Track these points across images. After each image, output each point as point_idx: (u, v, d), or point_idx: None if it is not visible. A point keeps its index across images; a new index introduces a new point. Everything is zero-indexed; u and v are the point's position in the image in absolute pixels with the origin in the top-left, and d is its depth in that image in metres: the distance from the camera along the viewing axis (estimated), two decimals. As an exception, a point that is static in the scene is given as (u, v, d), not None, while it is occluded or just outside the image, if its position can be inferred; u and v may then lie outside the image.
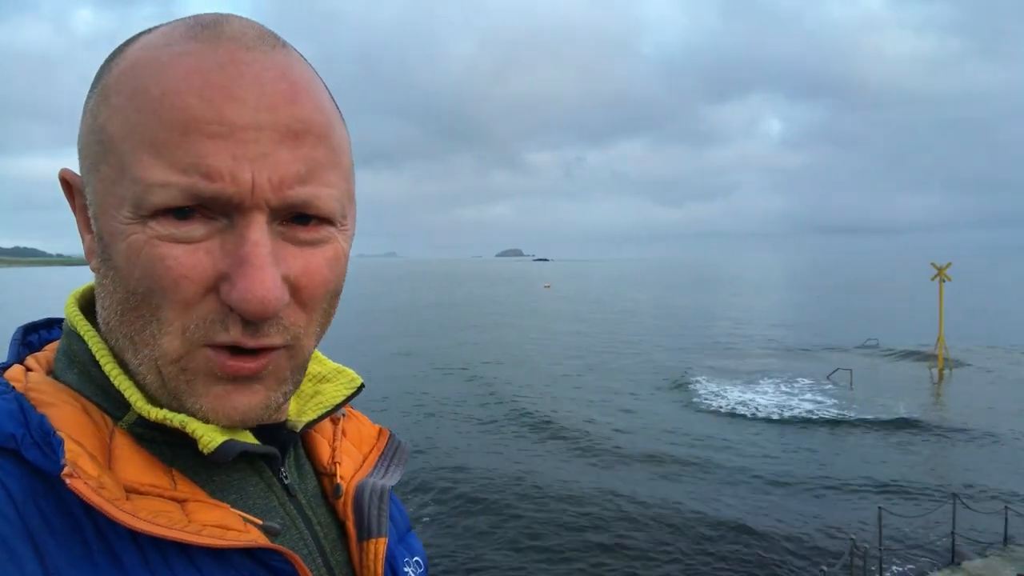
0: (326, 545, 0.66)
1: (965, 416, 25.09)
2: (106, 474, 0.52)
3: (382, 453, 0.80)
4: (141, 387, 0.58)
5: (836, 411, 25.69)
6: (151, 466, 0.56)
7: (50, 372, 0.62)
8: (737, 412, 25.81)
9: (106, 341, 0.60)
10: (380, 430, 0.84)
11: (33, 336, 0.67)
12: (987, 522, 14.04)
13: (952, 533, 12.90)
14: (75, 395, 0.58)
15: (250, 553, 0.56)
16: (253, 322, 0.55)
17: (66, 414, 0.55)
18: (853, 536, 12.12)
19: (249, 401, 0.58)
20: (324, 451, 0.74)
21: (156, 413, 0.56)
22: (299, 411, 0.71)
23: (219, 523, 0.55)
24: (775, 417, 24.94)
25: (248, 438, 0.61)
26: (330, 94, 0.62)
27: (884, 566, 12.19)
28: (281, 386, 0.60)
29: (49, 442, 0.51)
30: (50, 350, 0.65)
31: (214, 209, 0.54)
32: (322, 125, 0.57)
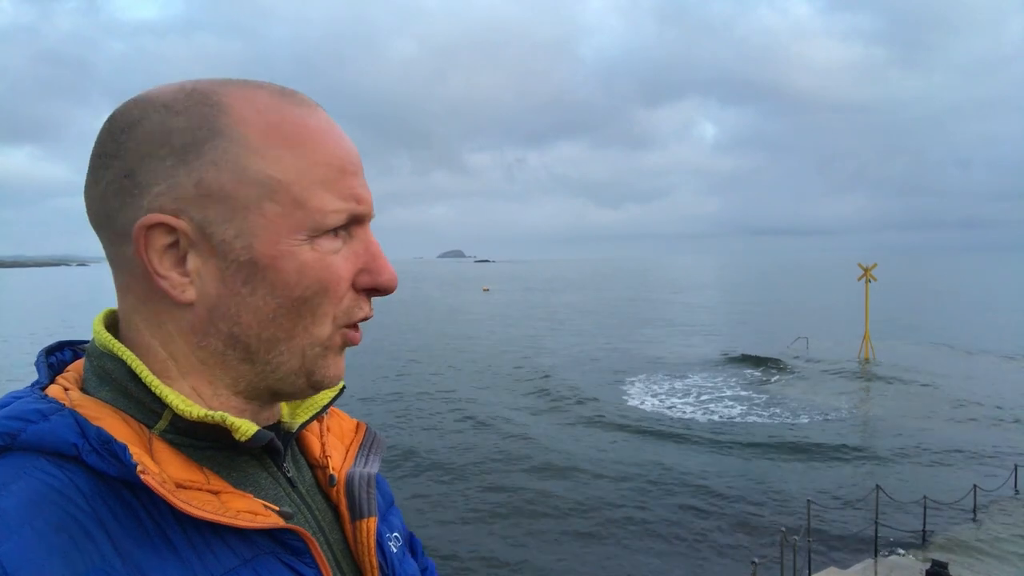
0: (325, 526, 0.80)
1: (887, 410, 26.19)
2: (162, 471, 0.64)
3: (361, 444, 0.93)
4: (177, 395, 0.69)
5: (767, 411, 26.45)
6: (187, 465, 0.67)
7: (81, 390, 0.71)
8: (669, 412, 26.31)
9: (143, 359, 0.70)
10: (357, 424, 0.97)
11: (52, 358, 0.77)
12: (907, 511, 14.67)
13: (875, 523, 13.41)
14: (113, 408, 0.68)
15: (270, 534, 0.68)
16: (387, 293, 0.77)
17: (114, 424, 0.66)
18: (783, 528, 12.46)
19: (343, 367, 0.78)
20: (315, 446, 0.87)
21: (197, 412, 0.67)
22: (291, 413, 0.84)
23: (248, 509, 0.67)
24: (707, 416, 25.54)
25: (252, 428, 0.71)
26: None
27: (812, 556, 12.56)
28: None
29: (110, 449, 0.62)
30: (73, 370, 0.75)
31: (347, 226, 0.74)
32: None
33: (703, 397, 28.99)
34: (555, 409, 26.98)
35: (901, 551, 13.56)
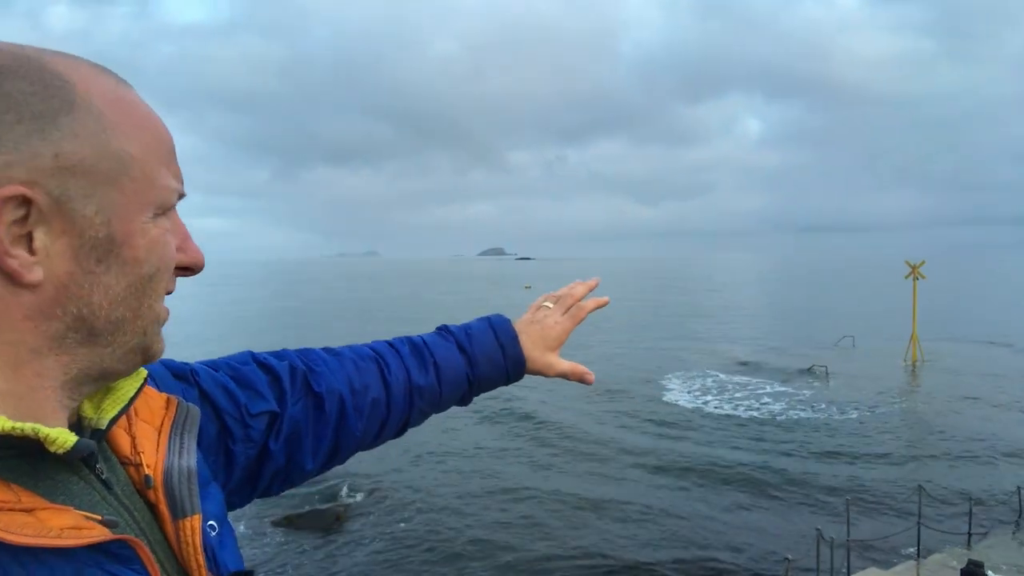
0: (146, 528, 0.73)
1: (936, 410, 25.56)
2: None
3: (173, 422, 0.83)
4: None
5: (810, 407, 26.05)
6: None
7: None
8: (709, 409, 26.08)
9: None
10: (168, 399, 0.86)
11: None
12: (951, 512, 14.34)
13: (918, 524, 13.16)
14: None
15: (95, 546, 0.61)
16: (196, 272, 0.78)
17: None
18: (819, 526, 12.31)
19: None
20: (124, 442, 0.78)
21: (3, 424, 0.59)
22: (96, 409, 0.74)
23: (71, 525, 0.60)
24: (749, 413, 25.24)
25: (71, 438, 0.63)
26: None
27: (851, 556, 12.39)
28: None
29: None
30: None
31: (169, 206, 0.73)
32: None
33: (745, 394, 28.67)
34: (603, 402, 26.99)
35: (944, 551, 13.28)
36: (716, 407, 26.37)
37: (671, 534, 14.90)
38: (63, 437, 0.61)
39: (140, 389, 0.78)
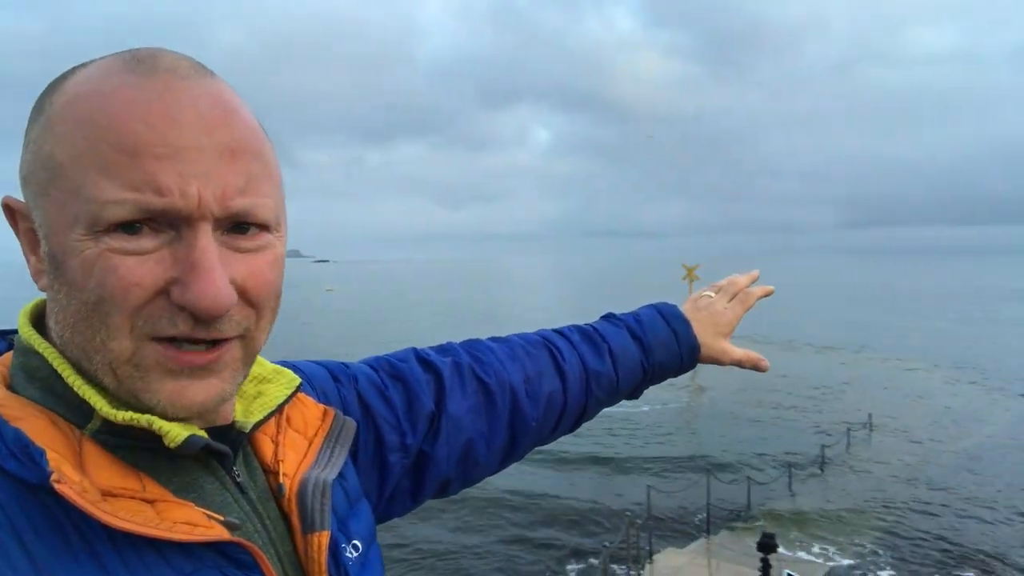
0: (275, 537, 0.71)
1: (713, 400, 28.58)
2: (85, 479, 0.57)
3: (327, 435, 0.82)
4: (104, 393, 0.62)
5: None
6: (121, 470, 0.61)
7: (8, 387, 0.64)
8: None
9: (63, 354, 0.63)
10: (325, 411, 0.85)
11: None
12: (734, 491, 16.13)
13: (707, 504, 14.64)
14: (40, 408, 0.61)
15: (214, 546, 0.61)
16: (203, 319, 0.60)
17: (38, 426, 0.59)
18: (629, 512, 13.30)
19: (206, 392, 0.63)
20: (268, 448, 0.77)
21: (122, 415, 0.60)
22: (245, 412, 0.74)
23: (187, 520, 0.60)
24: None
25: (203, 435, 0.64)
26: (256, 116, 0.68)
27: (654, 537, 13.51)
28: (235, 377, 0.66)
29: (28, 453, 0.55)
30: (2, 364, 0.67)
31: (163, 223, 0.59)
32: (255, 143, 0.64)
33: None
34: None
35: (729, 525, 14.92)
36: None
37: (496, 516, 15.31)
38: (175, 431, 0.61)
39: (291, 397, 0.77)
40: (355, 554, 0.77)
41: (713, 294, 1.35)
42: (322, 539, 0.72)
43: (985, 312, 66.94)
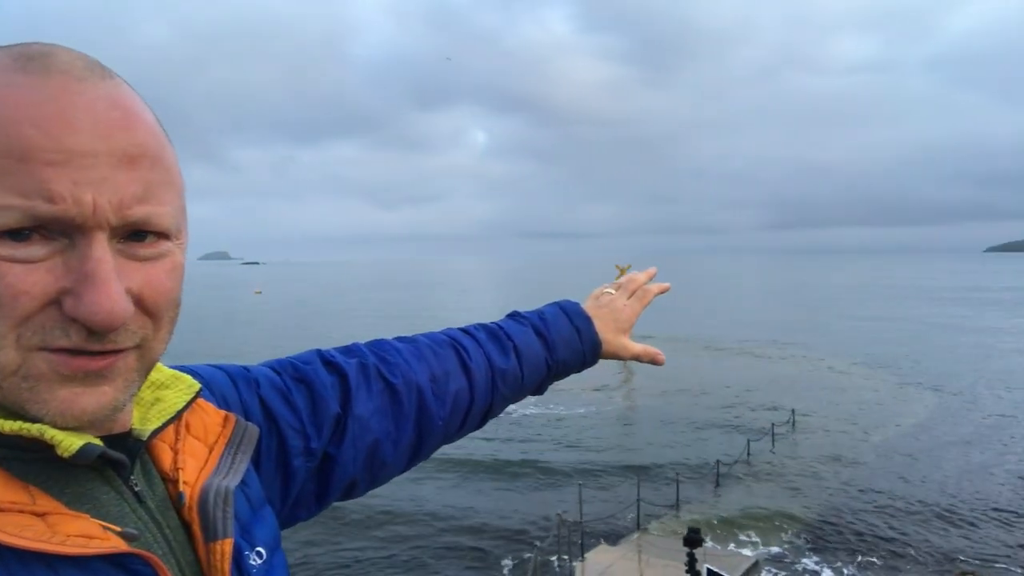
0: (176, 547, 0.68)
1: (646, 399, 29.11)
2: None
3: (228, 442, 0.79)
4: None
5: (537, 406, 27.96)
6: (8, 483, 0.58)
7: None
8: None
9: None
10: (226, 417, 0.82)
11: None
12: (664, 488, 16.46)
13: (638, 500, 14.88)
14: None
15: (111, 559, 0.58)
16: (96, 331, 0.57)
17: None
18: (560, 512, 13.40)
19: (98, 401, 0.60)
20: (166, 457, 0.74)
21: (10, 425, 0.57)
22: (142, 419, 0.71)
23: (81, 533, 0.57)
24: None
25: (96, 442, 0.62)
26: (157, 118, 0.65)
27: (586, 535, 13.65)
28: (129, 386, 0.63)
29: None
30: None
31: (55, 230, 0.56)
32: (155, 148, 0.62)
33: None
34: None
35: (658, 523, 15.21)
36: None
37: (428, 525, 15.19)
38: (68, 440, 0.58)
39: (189, 404, 0.75)
40: (259, 561, 0.75)
41: (614, 291, 1.38)
42: (225, 547, 0.70)
43: (899, 310, 70.30)
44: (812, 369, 36.00)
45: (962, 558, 13.82)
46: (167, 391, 0.75)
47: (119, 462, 0.65)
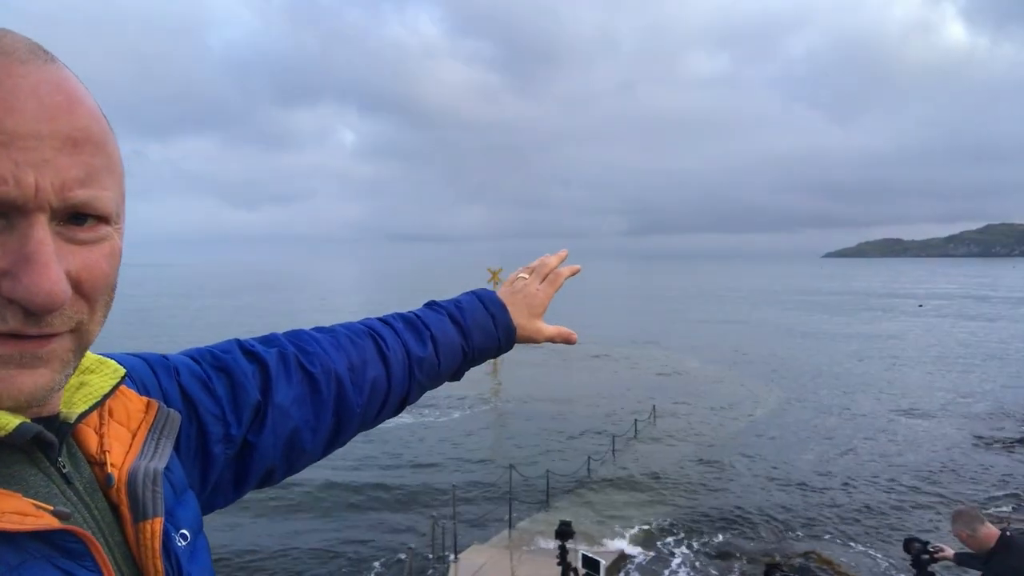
0: (104, 527, 0.70)
1: (516, 398, 29.68)
2: None
3: (151, 427, 0.80)
4: None
5: (411, 413, 27.87)
6: None
7: None
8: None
9: None
10: (148, 403, 0.83)
11: None
12: (534, 485, 16.87)
13: (509, 499, 15.15)
14: None
15: (43, 537, 0.59)
16: (36, 313, 0.58)
17: None
18: (434, 514, 13.42)
19: (35, 382, 0.61)
20: (92, 440, 0.75)
21: None
22: (68, 403, 0.72)
23: (15, 510, 0.58)
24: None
25: (12, 421, 0.62)
26: (99, 106, 0.66)
27: (458, 535, 13.74)
28: (65, 368, 0.64)
29: None
30: None
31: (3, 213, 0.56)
32: (98, 133, 0.63)
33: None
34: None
35: (528, 518, 15.57)
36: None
37: (298, 536, 14.76)
38: (4, 419, 0.59)
39: (114, 389, 0.76)
40: (184, 543, 0.77)
41: (527, 276, 1.44)
42: (155, 526, 0.71)
43: (749, 311, 75.67)
44: (671, 366, 38.01)
45: (798, 534, 15.13)
46: (92, 376, 0.76)
47: (48, 443, 0.66)
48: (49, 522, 0.59)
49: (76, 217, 0.61)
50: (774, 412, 26.95)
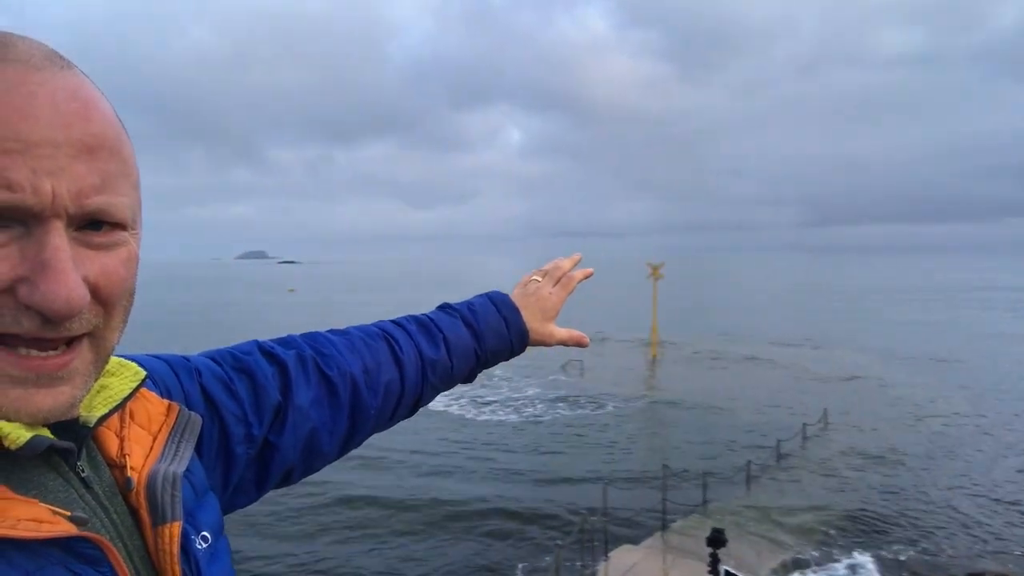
0: (124, 532, 0.69)
1: (675, 395, 28.75)
2: None
3: (172, 430, 0.80)
4: None
5: (567, 403, 27.87)
6: None
7: None
8: (473, 415, 26.83)
9: None
10: (169, 406, 0.83)
11: None
12: (691, 485, 16.21)
13: (663, 500, 14.66)
14: None
15: (60, 543, 0.59)
16: (53, 320, 0.58)
17: None
18: (584, 511, 13.25)
19: (55, 400, 0.61)
20: (112, 443, 0.75)
21: None
22: (88, 406, 0.71)
23: (32, 517, 0.58)
24: (511, 417, 26.46)
25: (46, 434, 0.63)
26: (115, 110, 0.66)
27: (609, 534, 13.49)
28: (87, 384, 0.64)
29: None
30: None
31: (12, 219, 0.57)
32: (113, 139, 0.63)
33: (505, 393, 30.00)
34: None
35: (683, 518, 14.96)
36: (483, 412, 27.32)
37: (448, 528, 15.17)
38: (16, 432, 0.59)
39: (134, 391, 0.76)
40: (204, 545, 0.76)
41: (540, 278, 1.44)
42: (174, 530, 0.72)
43: (942, 308, 68.60)
44: (848, 368, 35.23)
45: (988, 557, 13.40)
46: (113, 378, 0.75)
47: (67, 449, 0.65)
48: (66, 528, 0.59)
49: (93, 223, 0.61)
50: (966, 423, 24.17)
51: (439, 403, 27.61)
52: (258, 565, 13.62)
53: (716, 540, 9.69)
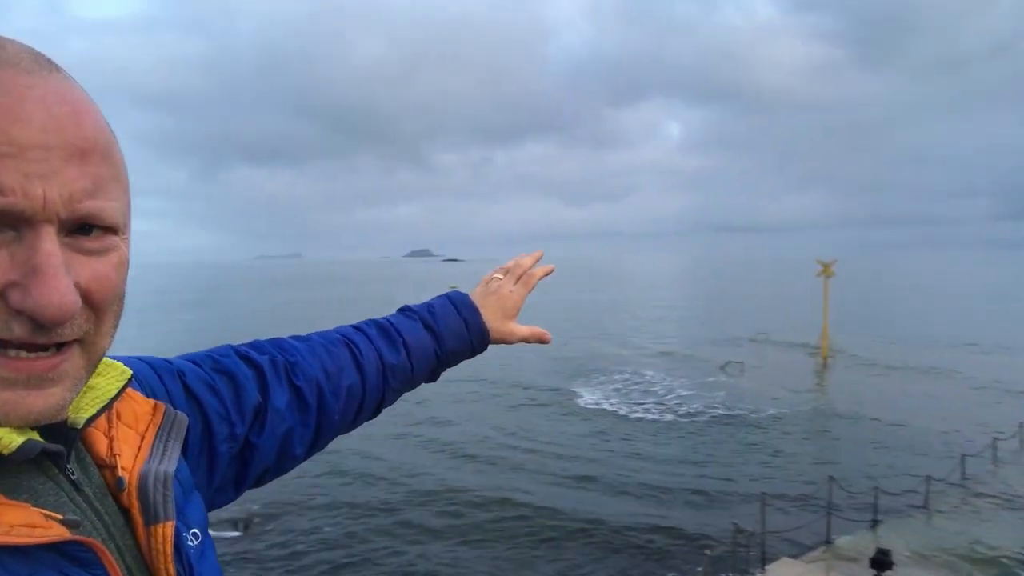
0: (115, 533, 0.70)
1: (845, 403, 26.81)
2: None
3: (159, 429, 0.81)
4: None
5: (725, 405, 26.85)
6: None
7: None
8: (626, 412, 26.36)
9: None
10: (155, 405, 0.84)
11: None
12: (859, 501, 15.06)
13: (828, 513, 13.75)
14: None
15: (53, 547, 0.60)
16: (44, 326, 0.58)
17: None
18: (737, 520, 12.72)
19: (46, 402, 0.61)
20: (101, 444, 0.76)
21: None
22: (76, 407, 0.71)
23: (25, 522, 0.58)
24: (667, 416, 25.75)
25: (36, 438, 0.63)
26: (103, 115, 0.66)
27: (767, 546, 12.86)
28: (77, 386, 0.64)
29: None
30: None
31: (2, 223, 0.56)
32: (104, 144, 0.63)
33: (660, 393, 29.30)
34: (526, 405, 27.12)
35: (850, 535, 13.93)
36: (632, 408, 26.83)
37: (592, 533, 15.13)
38: (7, 438, 0.59)
39: (121, 391, 0.76)
40: (195, 542, 0.78)
41: (502, 276, 1.46)
42: (166, 529, 0.73)
43: None
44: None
45: None
46: (100, 378, 0.75)
47: (56, 451, 0.66)
48: (59, 533, 0.60)
49: (83, 228, 0.61)
50: None
51: (590, 400, 27.62)
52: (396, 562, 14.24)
53: (881, 562, 9.00)
